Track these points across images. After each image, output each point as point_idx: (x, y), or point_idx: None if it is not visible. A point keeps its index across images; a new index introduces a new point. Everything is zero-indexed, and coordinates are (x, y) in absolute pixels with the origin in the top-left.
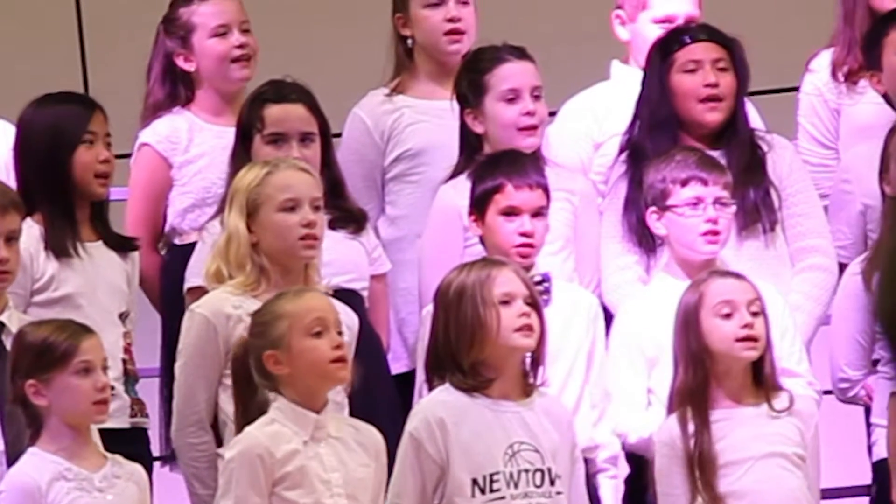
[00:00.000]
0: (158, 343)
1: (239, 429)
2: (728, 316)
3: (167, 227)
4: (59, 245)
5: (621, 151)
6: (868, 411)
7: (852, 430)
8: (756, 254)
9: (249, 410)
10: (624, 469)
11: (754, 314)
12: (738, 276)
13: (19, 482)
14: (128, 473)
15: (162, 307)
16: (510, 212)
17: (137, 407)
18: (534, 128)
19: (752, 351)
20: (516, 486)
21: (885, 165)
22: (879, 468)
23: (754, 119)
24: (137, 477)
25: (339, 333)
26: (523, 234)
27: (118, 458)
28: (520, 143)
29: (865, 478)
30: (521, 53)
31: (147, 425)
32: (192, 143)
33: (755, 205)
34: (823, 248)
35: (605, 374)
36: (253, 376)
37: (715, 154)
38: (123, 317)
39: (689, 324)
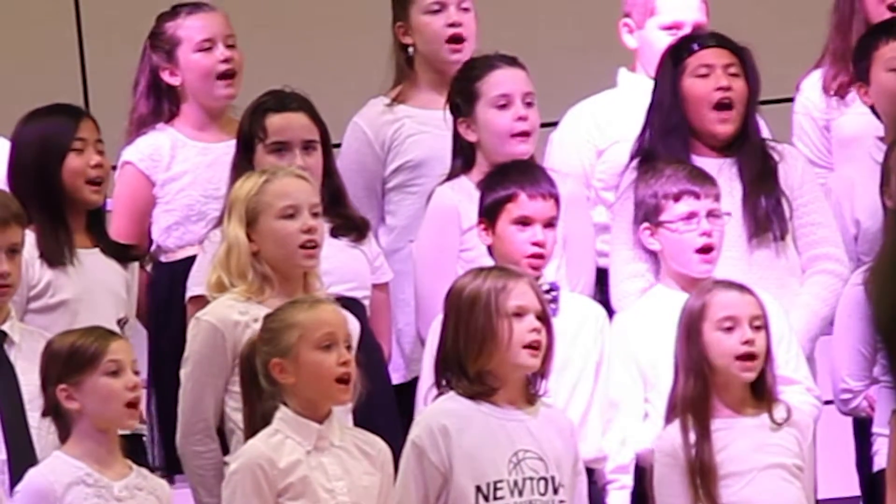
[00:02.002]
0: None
1: (247, 429)
2: (730, 330)
3: (152, 246)
4: (53, 254)
5: (632, 158)
6: (861, 422)
7: (844, 441)
8: (766, 262)
9: (256, 412)
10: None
11: (756, 328)
12: (741, 287)
13: (35, 484)
14: (151, 487)
15: (147, 323)
16: (523, 221)
17: None
18: (526, 134)
19: (750, 372)
20: (521, 493)
21: (885, 179)
22: (880, 478)
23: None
24: (161, 492)
25: (348, 348)
26: (535, 244)
27: (144, 471)
28: (512, 149)
29: (855, 488)
30: (511, 61)
31: (144, 432)
32: (175, 160)
33: (766, 213)
34: (836, 255)
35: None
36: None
37: (727, 162)
38: (122, 323)
39: (691, 334)
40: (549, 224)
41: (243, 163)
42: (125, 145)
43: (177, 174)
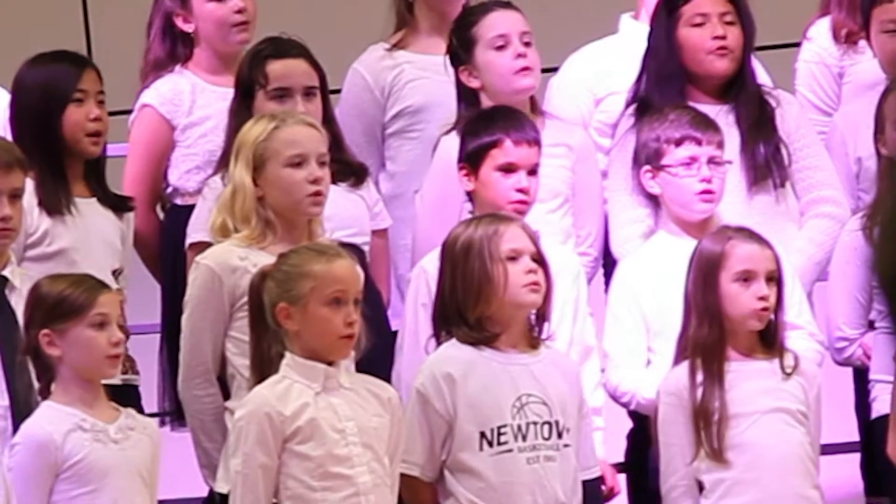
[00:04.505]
0: (156, 299)
1: (254, 360)
2: (746, 282)
3: (169, 188)
4: (51, 202)
5: (629, 105)
6: (860, 369)
7: (844, 387)
8: (766, 208)
9: (262, 343)
10: (616, 422)
11: (770, 281)
12: (760, 240)
13: (34, 435)
14: (141, 426)
15: (161, 266)
16: (507, 168)
17: (128, 364)
18: (528, 69)
19: (760, 322)
20: (524, 438)
21: (879, 126)
22: (878, 425)
23: (761, 75)
24: (151, 431)
25: (356, 304)
26: (520, 191)
27: (131, 411)
28: (516, 85)
29: (853, 435)
30: (506, 4)
31: (137, 382)
32: (196, 104)
33: (765, 160)
34: (835, 198)
35: (607, 331)
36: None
37: (723, 108)
38: (117, 273)
39: (708, 281)
40: (533, 171)
41: (242, 109)
42: (142, 88)
43: (199, 119)
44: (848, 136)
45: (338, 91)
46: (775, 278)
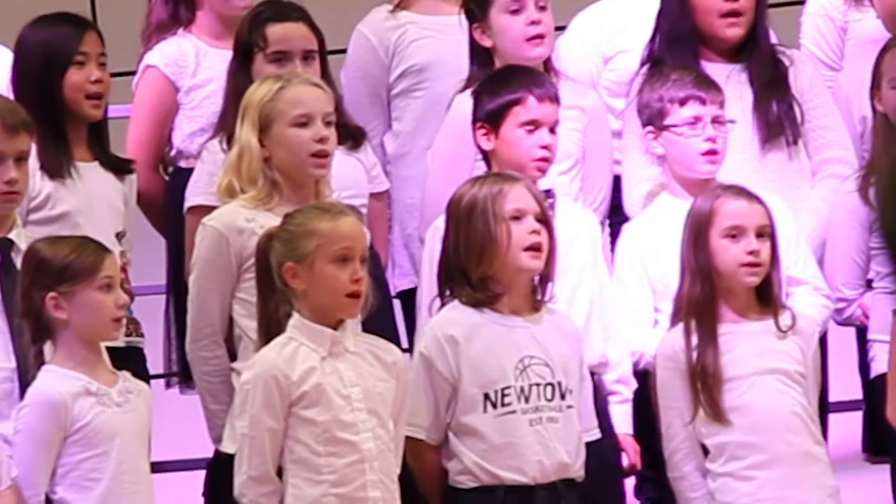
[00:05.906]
0: (162, 261)
1: (261, 321)
2: (735, 238)
3: (173, 150)
4: (52, 165)
5: (642, 65)
6: (863, 329)
7: (846, 347)
8: (779, 166)
9: (269, 304)
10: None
11: (760, 236)
12: (750, 196)
13: (45, 396)
14: (137, 389)
15: (167, 228)
16: (531, 124)
17: (132, 326)
18: (540, 37)
19: (754, 277)
20: (527, 400)
21: (876, 83)
22: (877, 384)
23: None
24: (145, 393)
25: (363, 262)
26: (543, 147)
27: (127, 374)
28: (528, 53)
29: (856, 393)
30: None
31: (141, 344)
32: (200, 67)
33: (778, 118)
34: (846, 158)
35: (613, 293)
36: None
37: (736, 68)
38: (120, 236)
39: (698, 238)
40: (553, 129)
41: (241, 72)
42: (144, 51)
43: (202, 81)
44: (853, 95)
45: (338, 52)
46: (767, 234)
